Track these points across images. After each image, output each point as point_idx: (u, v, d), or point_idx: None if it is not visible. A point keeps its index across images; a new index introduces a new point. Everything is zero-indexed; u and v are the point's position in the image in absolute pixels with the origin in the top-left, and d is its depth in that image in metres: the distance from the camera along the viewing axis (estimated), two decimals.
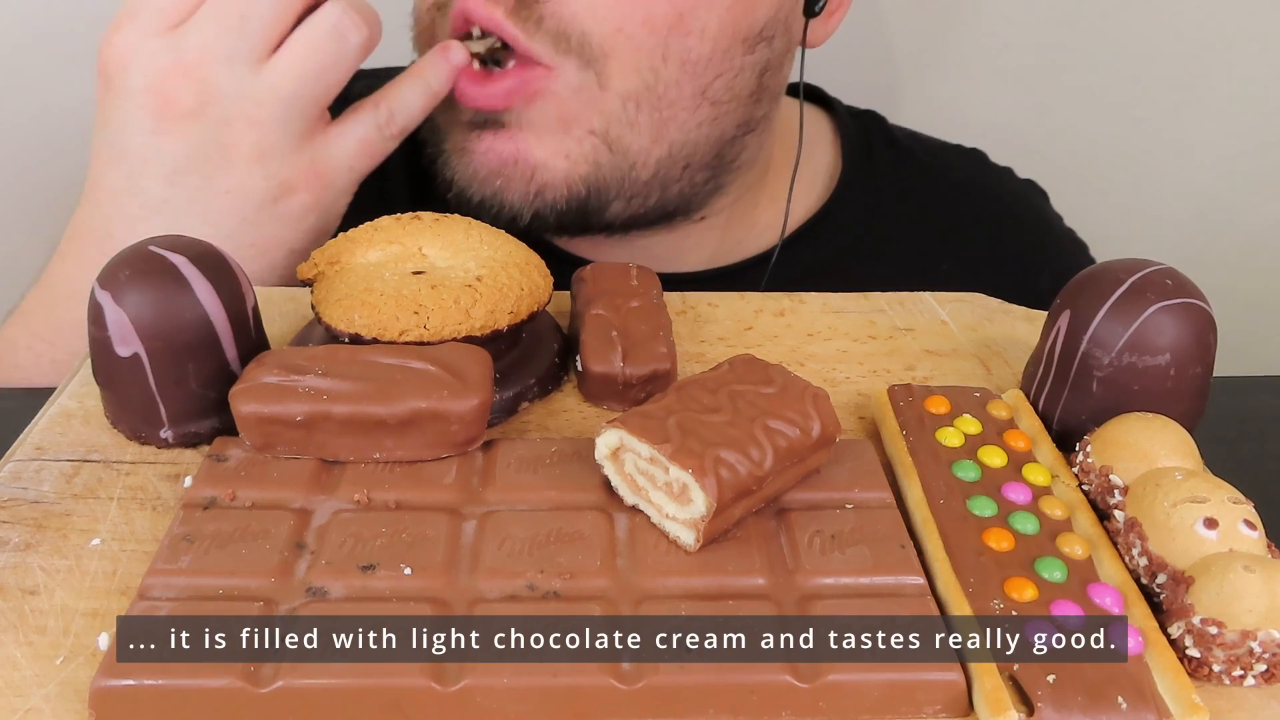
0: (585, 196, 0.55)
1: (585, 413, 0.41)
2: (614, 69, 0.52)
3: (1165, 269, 0.37)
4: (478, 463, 0.36)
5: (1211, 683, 0.30)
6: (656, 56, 0.52)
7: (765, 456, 0.32)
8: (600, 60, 0.51)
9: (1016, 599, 0.30)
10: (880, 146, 0.68)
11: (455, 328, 0.38)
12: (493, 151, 0.54)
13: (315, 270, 0.41)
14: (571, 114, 0.53)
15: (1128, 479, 0.34)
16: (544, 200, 0.54)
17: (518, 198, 0.54)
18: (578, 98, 0.52)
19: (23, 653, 0.30)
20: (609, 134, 0.53)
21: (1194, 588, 0.30)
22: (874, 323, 0.47)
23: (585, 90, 0.52)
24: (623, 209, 0.56)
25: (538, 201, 0.54)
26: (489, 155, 0.54)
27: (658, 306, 0.43)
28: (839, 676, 0.28)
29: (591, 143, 0.53)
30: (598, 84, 0.52)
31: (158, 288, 0.35)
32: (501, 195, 0.54)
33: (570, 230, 0.57)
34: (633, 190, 0.56)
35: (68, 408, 0.40)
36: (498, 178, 0.54)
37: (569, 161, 0.54)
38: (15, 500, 0.35)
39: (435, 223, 0.43)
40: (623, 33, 0.51)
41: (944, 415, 0.38)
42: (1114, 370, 0.37)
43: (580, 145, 0.53)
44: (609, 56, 0.51)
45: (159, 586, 0.30)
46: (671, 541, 0.32)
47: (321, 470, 0.35)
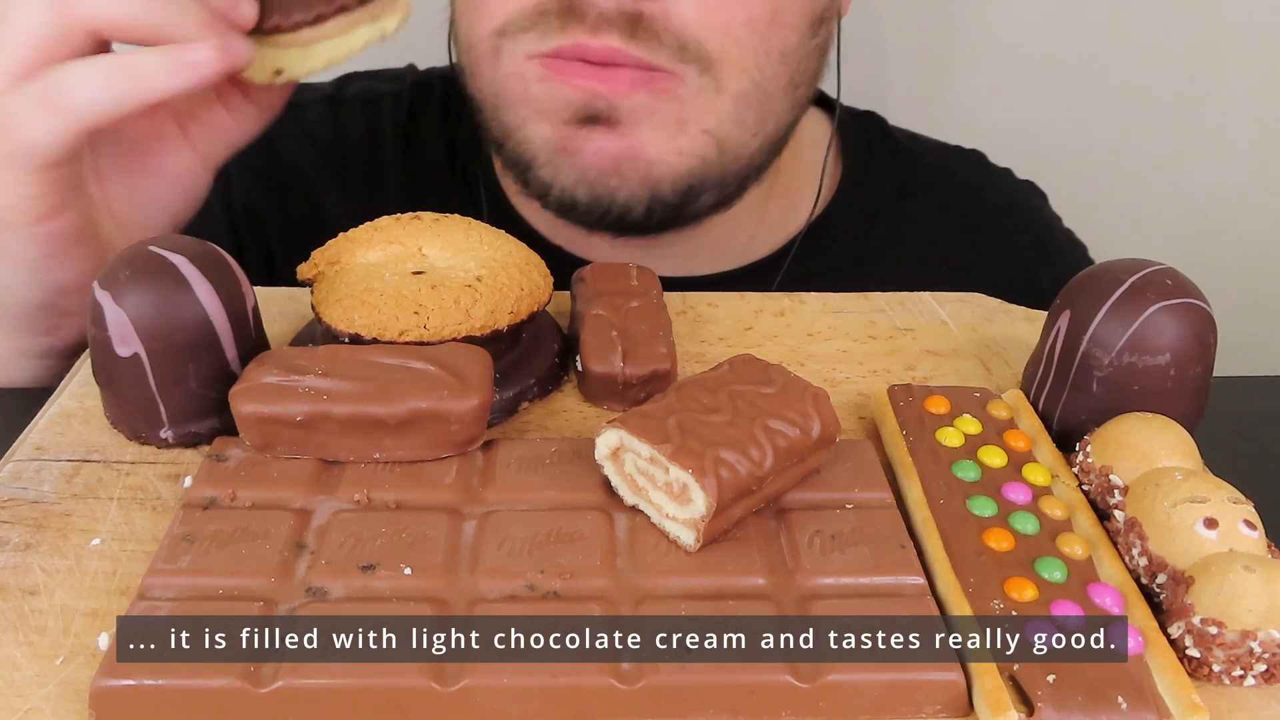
0: (688, 190, 0.55)
1: (585, 413, 0.41)
2: (727, 72, 0.52)
3: (1165, 269, 0.37)
4: (478, 463, 0.36)
5: (1211, 683, 0.30)
6: (760, 54, 0.53)
7: (765, 456, 0.32)
8: (716, 65, 0.52)
9: (1016, 599, 0.30)
10: (880, 148, 0.68)
11: (455, 328, 0.38)
12: (604, 151, 0.53)
13: (315, 270, 0.41)
14: (690, 116, 0.53)
15: (1128, 479, 0.34)
16: (655, 196, 0.54)
17: (631, 195, 0.54)
18: (698, 101, 0.52)
19: (23, 653, 0.30)
20: (720, 132, 0.54)
21: (1194, 588, 0.30)
22: (874, 323, 0.47)
23: (705, 94, 0.52)
24: (712, 200, 0.57)
25: (650, 198, 0.54)
26: (601, 155, 0.53)
27: (658, 306, 0.43)
28: (839, 676, 0.28)
29: (704, 141, 0.54)
30: (715, 88, 0.52)
31: (158, 288, 0.35)
32: (615, 194, 0.54)
33: (660, 227, 0.57)
34: (725, 181, 0.56)
35: (68, 408, 0.40)
36: (612, 177, 0.54)
37: (680, 158, 0.54)
38: (15, 500, 0.35)
39: (435, 223, 0.43)
40: (730, 36, 0.51)
41: (944, 415, 0.38)
42: (1114, 370, 0.37)
43: (693, 143, 0.54)
44: (722, 60, 0.52)
45: (159, 586, 0.30)
46: (671, 541, 0.32)
47: (321, 470, 0.35)
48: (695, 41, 0.51)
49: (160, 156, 0.48)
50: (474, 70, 0.55)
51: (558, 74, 0.51)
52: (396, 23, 0.47)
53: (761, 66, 0.53)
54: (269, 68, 0.47)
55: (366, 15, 0.47)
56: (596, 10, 0.49)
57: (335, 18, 0.46)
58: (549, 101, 0.52)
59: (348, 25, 0.46)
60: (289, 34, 0.46)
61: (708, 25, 0.51)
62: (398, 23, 0.47)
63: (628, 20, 0.49)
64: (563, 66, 0.51)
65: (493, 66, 0.53)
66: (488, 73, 0.54)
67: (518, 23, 0.51)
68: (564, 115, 0.52)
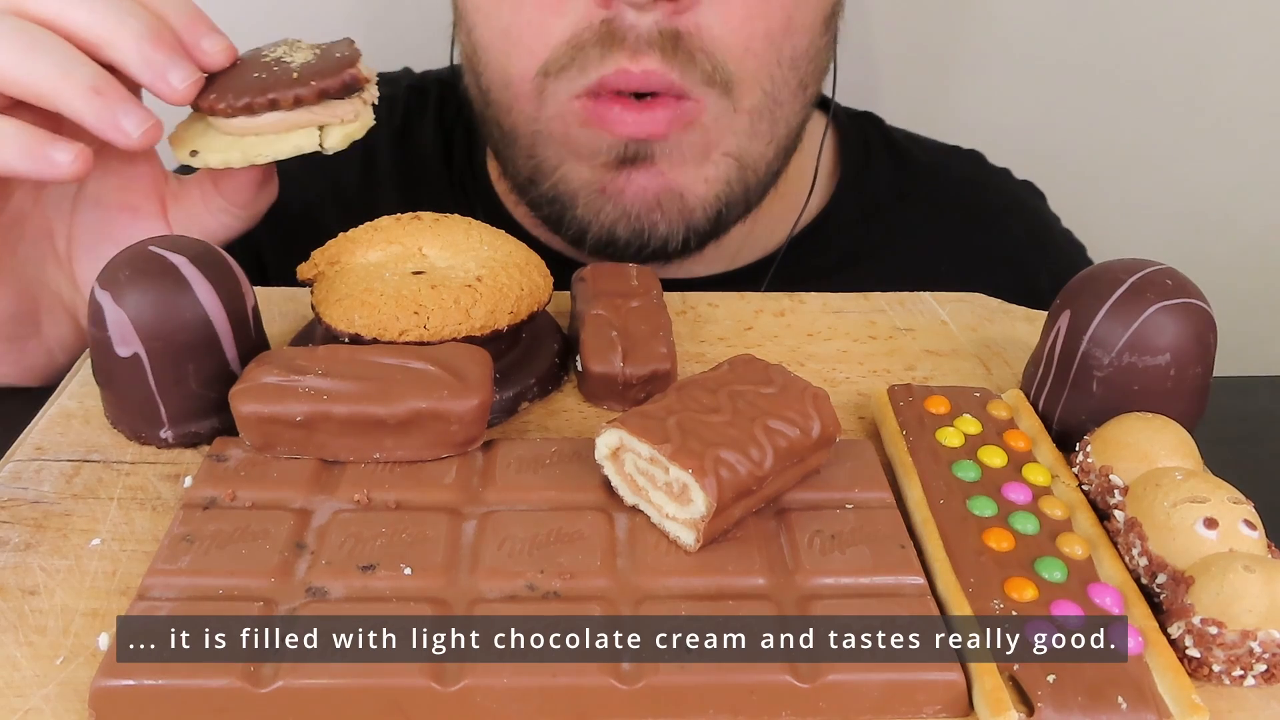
0: (719, 213, 0.55)
1: (585, 413, 0.41)
2: (744, 89, 0.52)
3: (1165, 269, 0.37)
4: (478, 463, 0.36)
5: (1211, 683, 0.30)
6: (773, 64, 0.53)
7: (765, 456, 0.32)
8: (736, 85, 0.52)
9: (1016, 599, 0.30)
10: (878, 148, 0.68)
11: (455, 328, 0.38)
12: (644, 189, 0.53)
13: (315, 270, 0.41)
14: (713, 140, 0.53)
15: (1128, 479, 0.34)
16: (690, 225, 0.55)
17: (671, 228, 0.54)
18: (718, 124, 0.52)
19: (23, 653, 0.30)
20: (738, 150, 0.54)
21: (1194, 588, 0.30)
22: (874, 323, 0.47)
23: (724, 116, 0.52)
24: (739, 213, 0.57)
25: (686, 227, 0.55)
26: (642, 193, 0.53)
27: (658, 306, 0.43)
28: (839, 676, 0.28)
29: (727, 164, 0.54)
30: (733, 108, 0.52)
31: (158, 288, 0.35)
32: (655, 228, 0.54)
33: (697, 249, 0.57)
34: (749, 194, 0.56)
35: (68, 408, 0.40)
36: (654, 212, 0.54)
37: (706, 185, 0.54)
38: (15, 500, 0.35)
39: (435, 223, 0.43)
40: (749, 51, 0.51)
41: (944, 415, 0.38)
42: (1114, 370, 0.37)
43: (717, 168, 0.54)
44: (742, 79, 0.52)
45: (159, 586, 0.30)
46: (671, 541, 0.32)
47: (321, 470, 0.35)
48: (721, 63, 0.51)
49: (131, 230, 0.47)
50: (511, 107, 0.54)
51: (598, 119, 0.51)
52: (342, 136, 0.44)
53: (773, 77, 0.53)
54: (189, 145, 0.44)
55: (317, 118, 0.43)
56: (635, 32, 0.49)
57: (281, 112, 0.43)
58: (588, 145, 0.52)
59: (289, 124, 0.43)
60: (222, 117, 0.43)
61: (729, 45, 0.50)
62: (343, 136, 0.44)
63: (667, 39, 0.49)
64: (604, 111, 0.51)
65: (536, 106, 0.53)
66: (529, 111, 0.53)
67: (559, 60, 0.51)
68: (604, 158, 0.53)
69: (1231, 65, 0.86)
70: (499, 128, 0.56)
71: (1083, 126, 0.88)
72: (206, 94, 0.43)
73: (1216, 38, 0.85)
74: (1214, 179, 0.91)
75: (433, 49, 0.65)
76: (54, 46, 0.40)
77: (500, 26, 0.53)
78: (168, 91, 0.42)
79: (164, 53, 0.42)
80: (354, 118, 0.44)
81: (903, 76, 0.86)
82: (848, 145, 0.67)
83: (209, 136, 0.44)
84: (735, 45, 0.51)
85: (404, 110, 0.67)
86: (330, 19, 0.78)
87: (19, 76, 0.40)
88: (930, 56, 0.87)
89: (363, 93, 0.44)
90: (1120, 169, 0.90)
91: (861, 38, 0.81)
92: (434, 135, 0.67)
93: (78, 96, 0.40)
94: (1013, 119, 0.87)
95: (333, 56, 0.44)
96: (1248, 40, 0.86)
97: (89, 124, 0.41)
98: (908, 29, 0.85)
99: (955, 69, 0.87)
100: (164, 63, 0.42)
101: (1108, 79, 0.86)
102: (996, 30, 0.85)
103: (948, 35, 0.86)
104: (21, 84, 0.40)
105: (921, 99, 0.87)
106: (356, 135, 0.44)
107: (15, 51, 0.40)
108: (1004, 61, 0.86)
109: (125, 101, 0.41)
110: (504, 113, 0.55)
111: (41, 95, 0.40)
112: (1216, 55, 0.86)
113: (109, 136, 0.41)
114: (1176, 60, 0.86)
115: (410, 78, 0.70)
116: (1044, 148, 0.82)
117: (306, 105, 0.43)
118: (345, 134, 0.44)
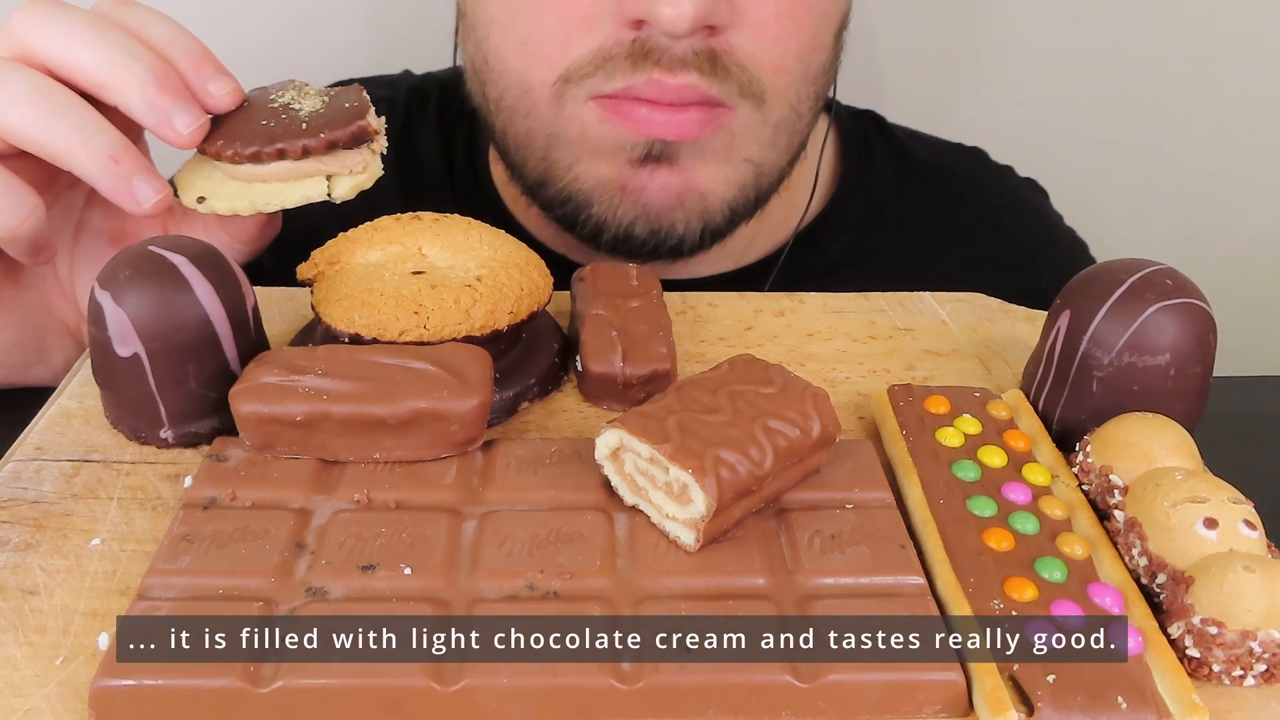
0: (733, 215, 0.56)
1: (585, 413, 0.41)
2: (775, 104, 0.53)
3: (1165, 269, 0.37)
4: (478, 463, 0.36)
5: (1211, 683, 0.30)
6: (801, 81, 0.53)
7: (765, 456, 0.32)
8: (770, 99, 0.52)
9: (1016, 599, 0.30)
10: (880, 146, 0.68)
11: (455, 328, 0.38)
12: (666, 188, 0.53)
13: (315, 270, 0.41)
14: (736, 146, 0.53)
15: (1128, 479, 0.34)
16: (708, 225, 0.55)
17: (689, 227, 0.55)
18: (745, 132, 0.53)
19: (23, 653, 0.30)
20: (757, 157, 0.54)
21: (1194, 588, 0.30)
22: (874, 323, 0.47)
23: (753, 125, 0.53)
24: (748, 216, 0.57)
25: (703, 227, 0.55)
26: (664, 192, 0.53)
27: (658, 306, 0.43)
28: (839, 676, 0.28)
29: (746, 169, 0.54)
30: (762, 120, 0.53)
31: (158, 288, 0.35)
32: (674, 227, 0.54)
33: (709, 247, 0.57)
34: (761, 198, 0.57)
35: (68, 408, 0.40)
36: (674, 211, 0.54)
37: (725, 186, 0.54)
38: (15, 500, 0.35)
39: (435, 223, 0.43)
40: (782, 69, 0.52)
41: (944, 415, 0.38)
42: (1114, 370, 0.37)
43: (736, 172, 0.54)
44: (775, 94, 0.52)
45: (159, 586, 0.30)
46: (671, 541, 0.32)
47: (321, 470, 0.35)
48: (755, 78, 0.51)
49: None
50: (528, 112, 0.54)
51: (618, 116, 0.51)
52: (350, 187, 0.43)
53: (799, 91, 0.54)
54: (196, 190, 0.44)
55: (325, 168, 0.43)
56: (670, 53, 0.49)
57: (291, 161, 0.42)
58: (609, 142, 0.52)
59: (297, 174, 0.43)
60: (230, 164, 0.43)
61: (762, 62, 0.51)
62: (352, 187, 0.43)
63: (704, 59, 0.49)
64: (625, 109, 0.50)
65: (554, 110, 0.52)
66: (546, 114, 0.53)
67: (581, 68, 0.51)
68: (625, 155, 0.52)
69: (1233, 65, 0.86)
70: (510, 132, 0.56)
71: (1085, 125, 0.89)
72: (213, 138, 0.43)
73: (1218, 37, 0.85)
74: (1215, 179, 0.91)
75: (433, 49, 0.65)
76: (74, 110, 0.41)
77: (518, 38, 0.52)
78: (173, 136, 0.42)
79: (169, 97, 0.42)
80: (362, 169, 0.44)
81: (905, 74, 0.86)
82: (849, 144, 0.67)
83: (215, 181, 0.44)
84: (769, 63, 0.51)
85: (404, 113, 0.67)
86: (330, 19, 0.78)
87: (38, 138, 0.41)
88: (933, 54, 0.87)
89: (371, 143, 0.44)
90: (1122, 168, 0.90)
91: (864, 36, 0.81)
92: (434, 138, 0.66)
93: (94, 164, 0.41)
94: (1015, 116, 0.87)
95: (341, 106, 0.43)
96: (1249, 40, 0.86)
97: (104, 191, 0.41)
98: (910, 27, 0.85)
99: (958, 67, 0.87)
100: (169, 108, 0.42)
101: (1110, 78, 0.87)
102: (999, 28, 0.85)
103: (950, 33, 0.86)
104: (41, 146, 0.41)
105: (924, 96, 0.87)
106: (365, 186, 0.44)
107: (37, 115, 0.40)
108: (1006, 59, 0.86)
109: (142, 171, 0.41)
110: (519, 118, 0.54)
111: (59, 159, 0.41)
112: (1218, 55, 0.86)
113: (122, 204, 0.42)
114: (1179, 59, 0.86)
115: (410, 80, 0.70)
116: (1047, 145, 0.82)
117: (315, 156, 0.42)
118: (354, 185, 0.43)
